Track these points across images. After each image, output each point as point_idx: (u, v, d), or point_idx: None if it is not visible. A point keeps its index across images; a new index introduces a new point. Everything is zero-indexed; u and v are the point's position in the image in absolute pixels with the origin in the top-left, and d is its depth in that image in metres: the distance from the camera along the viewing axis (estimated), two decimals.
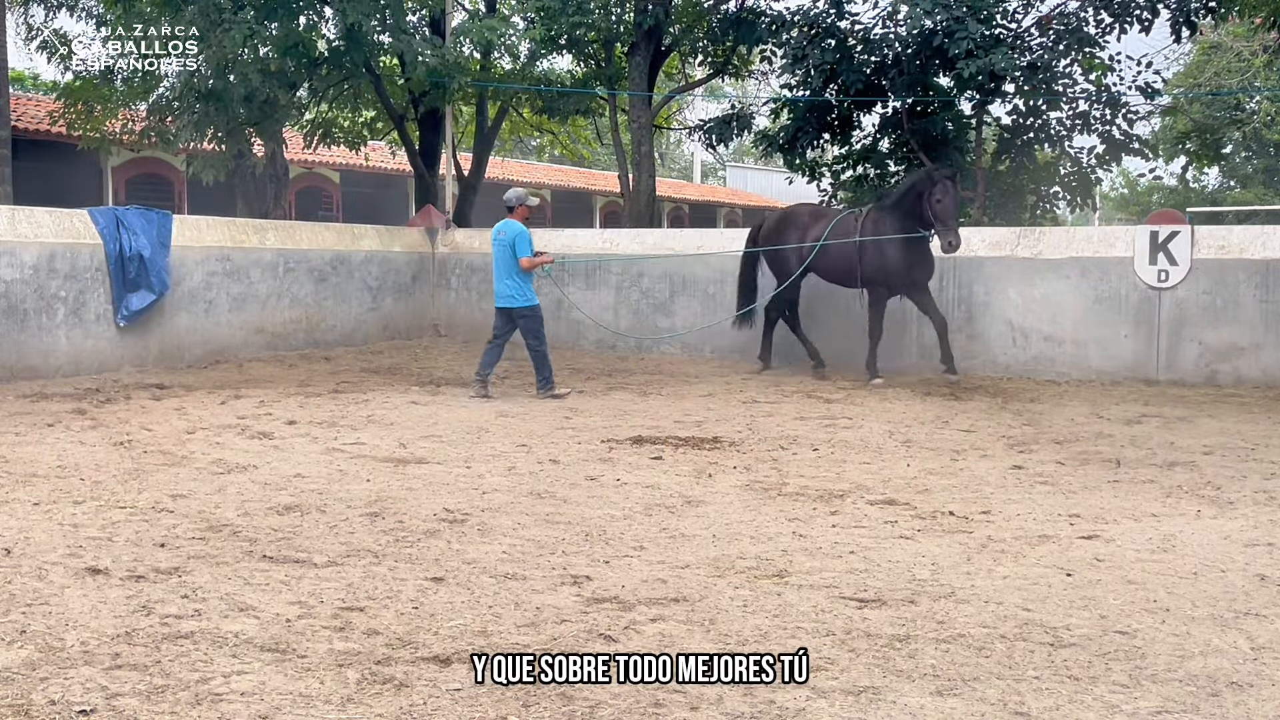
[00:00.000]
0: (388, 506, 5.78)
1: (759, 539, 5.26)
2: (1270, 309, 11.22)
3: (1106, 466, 7.22)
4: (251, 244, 13.04)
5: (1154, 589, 4.50)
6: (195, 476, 6.45)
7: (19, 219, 10.62)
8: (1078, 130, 16.91)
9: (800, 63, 16.81)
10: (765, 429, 8.68)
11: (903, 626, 4.00)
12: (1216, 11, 16.05)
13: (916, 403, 10.19)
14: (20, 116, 19.69)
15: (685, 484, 6.50)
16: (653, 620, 4.03)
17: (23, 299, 10.40)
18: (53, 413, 8.66)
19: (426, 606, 4.14)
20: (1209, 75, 26.80)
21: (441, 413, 9.20)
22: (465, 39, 16.80)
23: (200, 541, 5.03)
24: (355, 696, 3.31)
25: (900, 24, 16.39)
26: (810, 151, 18.66)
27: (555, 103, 19.58)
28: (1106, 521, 5.70)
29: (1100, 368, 11.83)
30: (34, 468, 6.59)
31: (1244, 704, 3.36)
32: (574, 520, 5.57)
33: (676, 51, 19.64)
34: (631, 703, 3.30)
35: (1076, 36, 15.90)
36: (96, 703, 3.23)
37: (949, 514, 5.79)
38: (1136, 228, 12.57)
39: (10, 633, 3.78)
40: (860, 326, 11.93)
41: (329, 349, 13.70)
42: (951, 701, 3.34)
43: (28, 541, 4.96)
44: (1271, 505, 6.12)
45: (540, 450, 7.50)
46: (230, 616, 3.99)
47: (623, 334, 13.95)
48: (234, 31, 13.79)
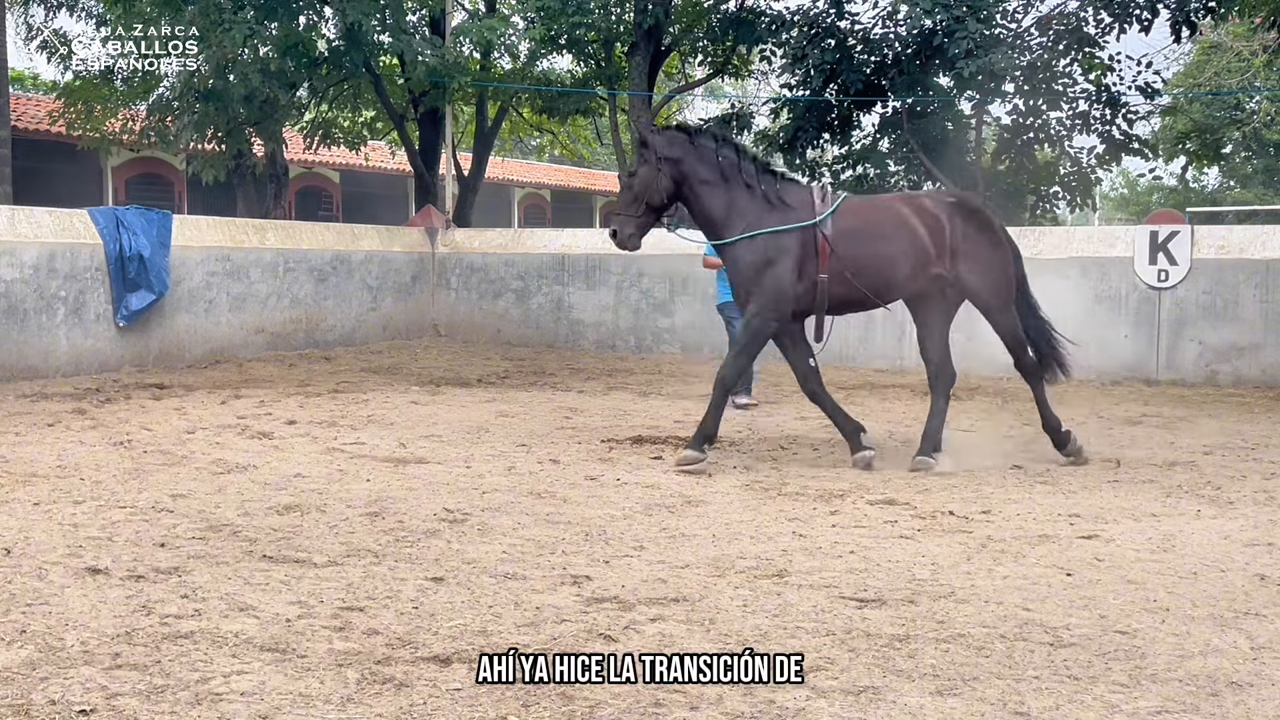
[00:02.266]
0: (388, 506, 5.78)
1: (759, 539, 5.26)
2: (1270, 309, 11.22)
3: (1106, 466, 7.22)
4: (251, 244, 13.04)
5: (1154, 589, 4.50)
6: (195, 476, 6.45)
7: (19, 219, 10.62)
8: (1078, 130, 16.90)
9: (800, 63, 16.81)
10: (765, 429, 8.68)
11: (903, 626, 4.00)
12: (1216, 11, 16.05)
13: (916, 403, 10.19)
14: (20, 116, 19.69)
15: (685, 484, 6.50)
16: (653, 620, 4.03)
17: (23, 299, 10.40)
18: (53, 413, 8.66)
19: (426, 606, 4.15)
20: (1209, 75, 26.81)
21: (441, 413, 9.21)
22: (465, 39, 16.82)
23: (200, 541, 5.03)
24: (355, 696, 3.31)
25: (900, 24, 16.41)
26: (810, 151, 18.66)
27: (555, 103, 19.59)
28: (1106, 521, 5.70)
29: (1100, 368, 11.83)
30: (34, 468, 6.59)
31: (1244, 704, 3.36)
32: (574, 520, 5.57)
33: (676, 51, 19.65)
34: (631, 703, 3.30)
35: (1076, 36, 15.90)
36: (96, 703, 3.23)
37: (949, 514, 5.79)
38: (1136, 228, 12.58)
39: (10, 633, 3.78)
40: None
41: (329, 349, 13.70)
42: (951, 701, 3.34)
43: (28, 541, 4.96)
44: (1271, 505, 6.12)
45: (540, 450, 7.50)
46: (230, 616, 3.99)
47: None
48: (234, 31, 13.80)
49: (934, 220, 7.27)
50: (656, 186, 7.13)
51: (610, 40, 18.01)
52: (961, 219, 7.33)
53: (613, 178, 24.09)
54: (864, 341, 12.96)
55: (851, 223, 7.21)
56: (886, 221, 7.30)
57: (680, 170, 7.16)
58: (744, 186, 7.19)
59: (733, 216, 7.18)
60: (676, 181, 7.18)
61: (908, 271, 7.21)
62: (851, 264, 7.12)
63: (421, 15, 17.88)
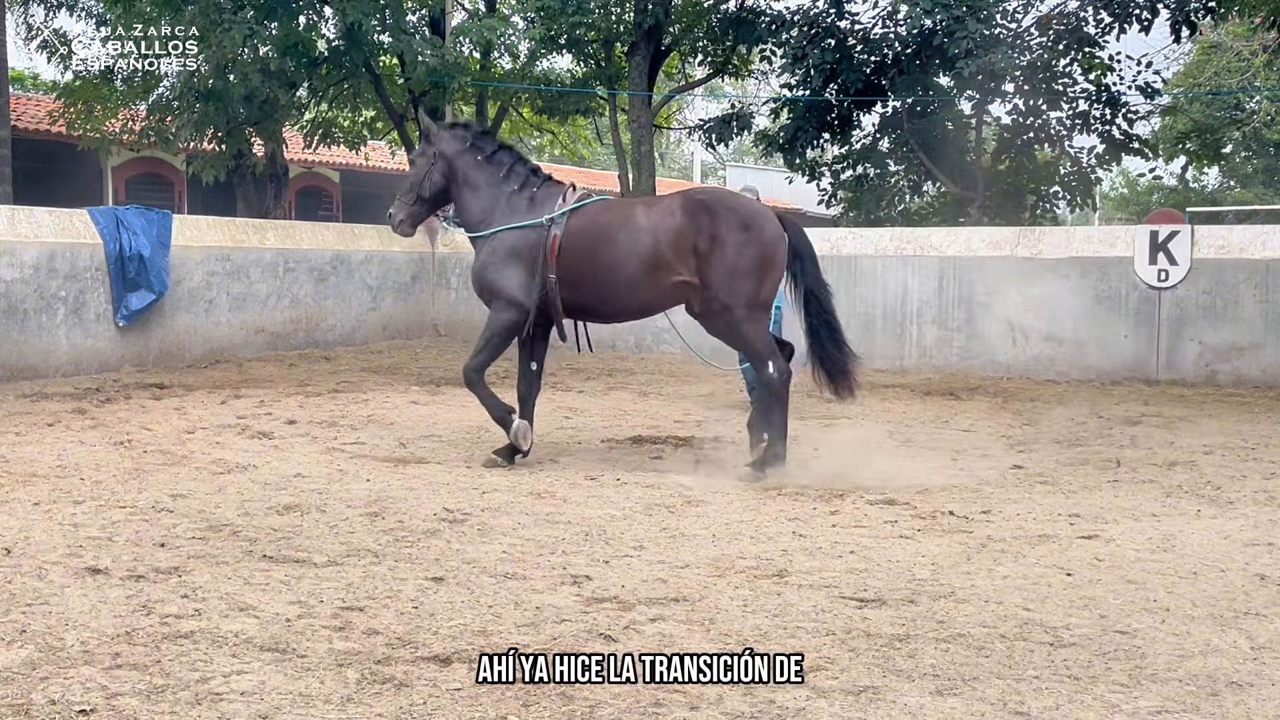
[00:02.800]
0: (388, 506, 5.78)
1: (759, 539, 5.26)
2: (1270, 309, 11.23)
3: (1106, 466, 7.22)
4: (251, 244, 13.04)
5: (1154, 589, 4.50)
6: (195, 476, 6.45)
7: (19, 219, 10.62)
8: (1078, 130, 16.93)
9: (800, 62, 16.83)
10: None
11: (903, 626, 4.00)
12: (1216, 11, 16.06)
13: (916, 403, 10.19)
14: (20, 116, 19.69)
15: (685, 484, 6.50)
16: (653, 620, 4.03)
17: (23, 299, 10.40)
18: (53, 412, 8.66)
19: (426, 606, 4.15)
20: (1209, 75, 26.82)
21: (441, 413, 9.21)
22: (465, 39, 16.82)
23: (200, 541, 5.03)
24: (355, 696, 3.31)
25: (900, 24, 16.42)
26: (810, 151, 18.68)
27: (555, 103, 19.59)
28: (1106, 521, 5.69)
29: (1100, 367, 11.83)
30: (34, 468, 6.59)
31: (1244, 704, 3.36)
32: (574, 520, 5.57)
33: (676, 51, 19.64)
34: (631, 703, 3.30)
35: (1076, 36, 15.92)
36: (96, 703, 3.23)
37: (949, 514, 5.79)
38: (1136, 228, 12.58)
39: (10, 633, 3.78)
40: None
41: (329, 349, 13.70)
42: (951, 701, 3.34)
43: (28, 541, 4.96)
44: (1271, 505, 6.12)
45: (540, 450, 7.50)
46: (230, 616, 3.99)
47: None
48: (234, 31, 13.80)
49: (673, 223, 6.78)
50: (429, 179, 7.31)
51: (610, 40, 18.01)
52: (709, 219, 6.73)
53: (613, 178, 24.12)
54: (864, 341, 12.93)
55: (582, 225, 6.97)
56: (615, 224, 6.91)
57: (451, 167, 7.30)
58: (507, 190, 7.21)
59: (487, 216, 7.25)
60: (446, 177, 7.32)
61: (632, 277, 6.82)
62: (574, 268, 6.92)
63: (421, 15, 17.88)
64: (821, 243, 13.29)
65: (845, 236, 13.39)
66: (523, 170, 7.32)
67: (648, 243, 6.81)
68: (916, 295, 12.66)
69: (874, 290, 12.86)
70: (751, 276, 6.71)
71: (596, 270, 6.93)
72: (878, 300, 12.85)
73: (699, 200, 6.88)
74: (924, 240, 12.88)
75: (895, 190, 18.63)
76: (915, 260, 12.70)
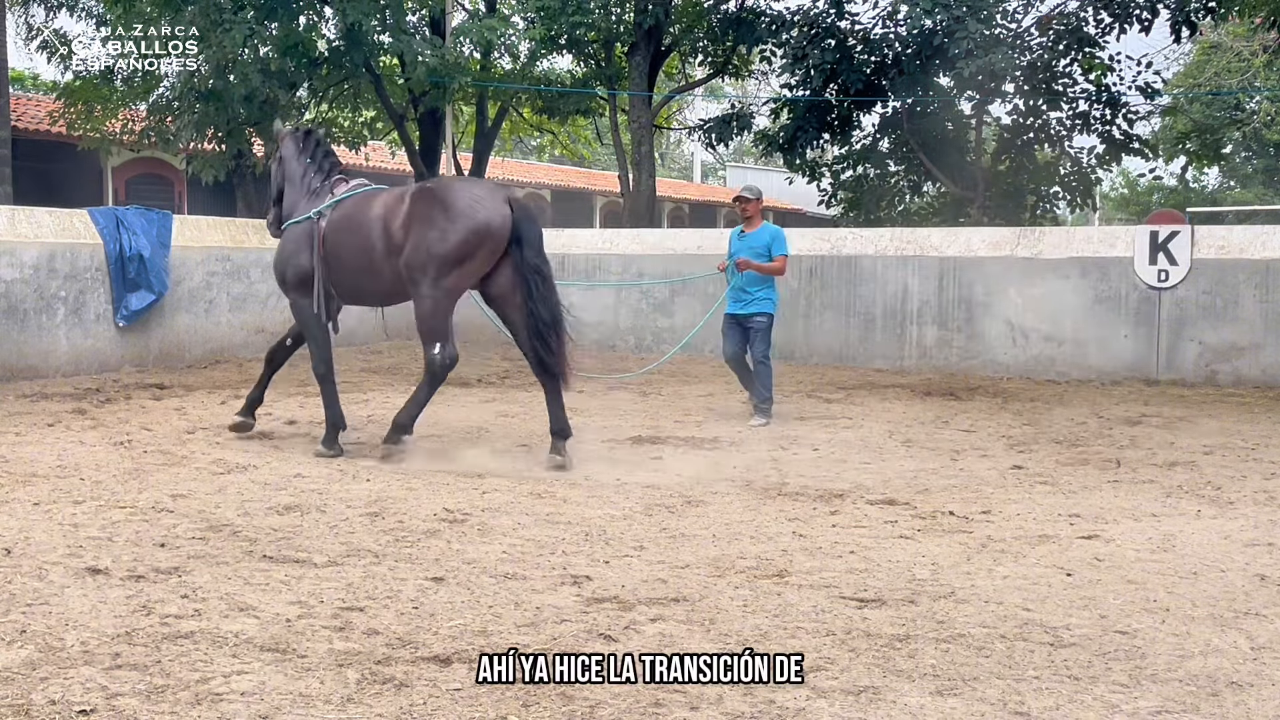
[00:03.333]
0: (388, 506, 5.78)
1: (759, 539, 5.26)
2: (1270, 309, 11.23)
3: (1106, 466, 7.21)
4: (251, 244, 13.04)
5: (1154, 589, 4.50)
6: (195, 476, 6.45)
7: (19, 219, 10.62)
8: (1078, 130, 16.94)
9: (800, 63, 16.83)
10: (765, 429, 8.68)
11: (903, 626, 4.00)
12: (1216, 11, 16.07)
13: (916, 403, 10.19)
14: (20, 116, 19.70)
15: (685, 484, 6.50)
16: (653, 620, 4.03)
17: (23, 299, 10.40)
18: (53, 413, 8.66)
19: (426, 606, 4.14)
20: (1209, 75, 26.83)
21: (441, 413, 9.20)
22: (465, 39, 16.82)
23: (200, 541, 5.03)
24: (355, 696, 3.31)
25: (900, 24, 16.42)
26: (810, 151, 18.69)
27: (555, 103, 19.59)
28: (1106, 521, 5.69)
29: (1100, 368, 11.83)
30: (34, 468, 6.59)
31: (1244, 704, 3.36)
32: (574, 520, 5.57)
33: (676, 51, 19.66)
34: (631, 703, 3.30)
35: (1076, 36, 15.92)
36: (96, 703, 3.23)
37: (949, 514, 5.79)
38: (1136, 228, 12.58)
39: (10, 633, 3.78)
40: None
41: None
42: (951, 701, 3.34)
43: (28, 541, 4.96)
44: (1271, 505, 6.12)
45: (540, 450, 7.50)
46: (230, 616, 3.99)
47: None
48: (234, 31, 13.80)
49: (401, 209, 7.02)
50: (275, 182, 7.92)
51: (610, 40, 18.03)
52: (424, 204, 6.93)
53: (613, 178, 24.11)
54: (864, 341, 12.97)
55: (340, 216, 7.33)
56: (360, 214, 7.21)
57: (284, 169, 7.85)
58: (307, 187, 7.59)
59: (291, 211, 7.64)
60: (284, 178, 7.83)
61: (365, 266, 7.13)
62: (335, 256, 7.27)
63: (421, 15, 17.88)
64: (821, 243, 13.33)
65: (845, 237, 13.39)
66: (326, 167, 7.71)
67: (379, 229, 7.09)
68: (916, 295, 12.66)
69: (874, 290, 12.87)
70: (442, 259, 6.88)
71: (349, 257, 7.25)
72: (878, 300, 12.86)
73: (425, 187, 7.16)
74: (924, 240, 12.89)
75: (895, 190, 18.65)
76: (915, 260, 12.71)
